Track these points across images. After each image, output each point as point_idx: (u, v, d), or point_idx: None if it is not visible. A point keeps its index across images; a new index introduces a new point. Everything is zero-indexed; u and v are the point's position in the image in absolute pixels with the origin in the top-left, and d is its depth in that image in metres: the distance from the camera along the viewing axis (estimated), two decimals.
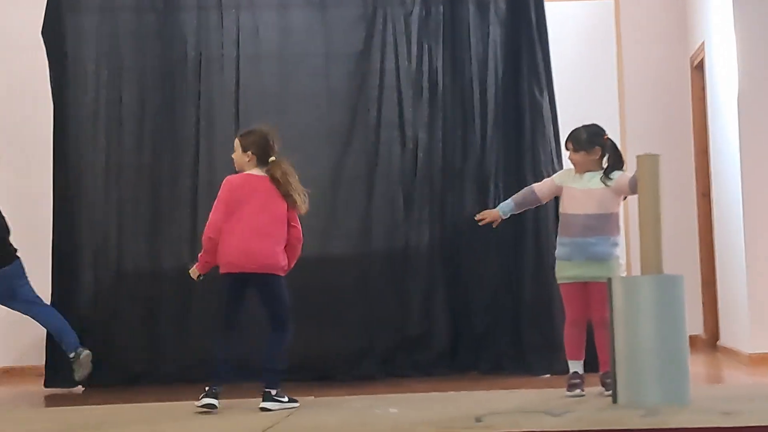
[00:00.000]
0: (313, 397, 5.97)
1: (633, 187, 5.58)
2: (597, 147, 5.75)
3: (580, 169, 5.77)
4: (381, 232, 7.34)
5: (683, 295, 5.26)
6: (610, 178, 5.69)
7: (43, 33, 7.47)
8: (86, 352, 6.89)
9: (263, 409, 5.51)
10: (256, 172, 5.64)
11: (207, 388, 5.52)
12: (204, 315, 7.14)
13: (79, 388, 7.21)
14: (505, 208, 5.90)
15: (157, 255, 7.36)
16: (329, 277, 7.22)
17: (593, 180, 5.73)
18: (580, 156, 5.76)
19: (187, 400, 5.90)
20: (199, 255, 5.64)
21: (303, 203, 5.66)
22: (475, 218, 5.91)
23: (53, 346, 7.21)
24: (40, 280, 7.29)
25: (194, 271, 5.71)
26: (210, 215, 5.56)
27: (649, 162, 5.32)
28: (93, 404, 6.35)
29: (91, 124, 7.45)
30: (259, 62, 7.46)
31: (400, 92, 7.42)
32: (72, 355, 6.87)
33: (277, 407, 5.54)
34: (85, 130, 7.44)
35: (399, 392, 6.20)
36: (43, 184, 7.65)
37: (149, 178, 7.42)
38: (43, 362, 7.33)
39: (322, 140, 7.41)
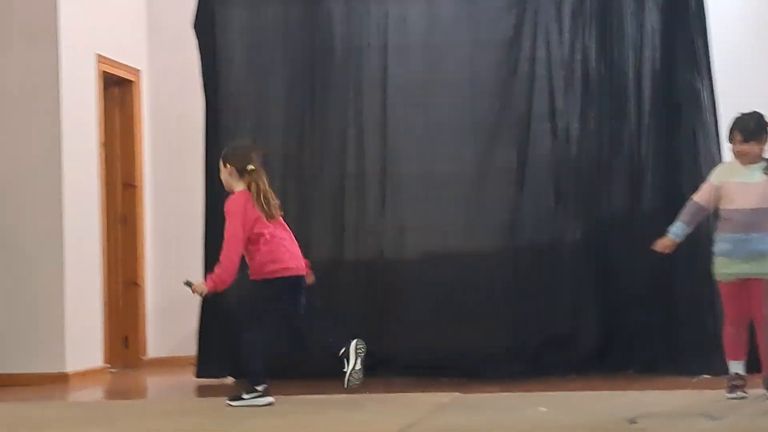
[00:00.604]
0: (458, 394, 5.88)
1: None
2: (764, 135, 5.49)
3: (746, 160, 5.50)
4: (529, 227, 7.17)
5: None
6: None
7: (195, 26, 7.56)
8: None
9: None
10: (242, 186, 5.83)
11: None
12: (350, 307, 7.12)
13: (230, 379, 7.28)
14: (677, 231, 5.64)
15: (304, 246, 7.33)
16: (475, 273, 7.11)
17: (755, 173, 5.48)
18: (749, 146, 5.49)
19: (332, 393, 5.91)
20: (217, 273, 5.73)
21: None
22: (653, 248, 5.68)
23: (206, 337, 7.29)
24: (195, 273, 7.39)
25: (201, 287, 5.78)
26: (230, 237, 5.70)
27: None
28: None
29: (239, 116, 7.50)
30: (406, 52, 7.38)
31: (551, 82, 7.24)
32: None
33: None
34: (234, 123, 7.49)
35: (549, 391, 6.06)
36: (196, 177, 7.77)
37: (297, 169, 7.42)
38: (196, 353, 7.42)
39: (469, 131, 7.29)
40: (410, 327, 7.13)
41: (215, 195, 7.42)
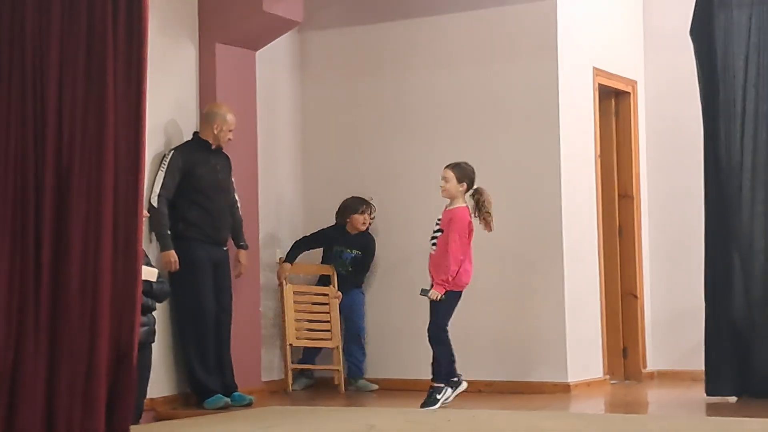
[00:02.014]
0: None
1: None
2: None
3: None
4: None
5: None
6: None
7: (691, 32, 7.41)
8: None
9: None
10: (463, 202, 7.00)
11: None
12: None
13: (734, 398, 7.05)
14: None
15: None
16: None
17: None
18: None
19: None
20: (443, 279, 6.87)
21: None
22: None
23: (709, 352, 7.11)
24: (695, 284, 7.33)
25: (435, 293, 6.90)
26: (457, 244, 6.88)
27: None
28: (749, 416, 6.18)
29: (740, 121, 7.24)
30: None
31: None
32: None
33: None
34: (734, 128, 7.24)
35: None
36: (694, 186, 7.60)
37: None
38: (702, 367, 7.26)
39: None
40: None
41: (714, 203, 7.25)
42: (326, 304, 8.20)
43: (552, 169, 7.90)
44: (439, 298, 6.86)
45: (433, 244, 6.98)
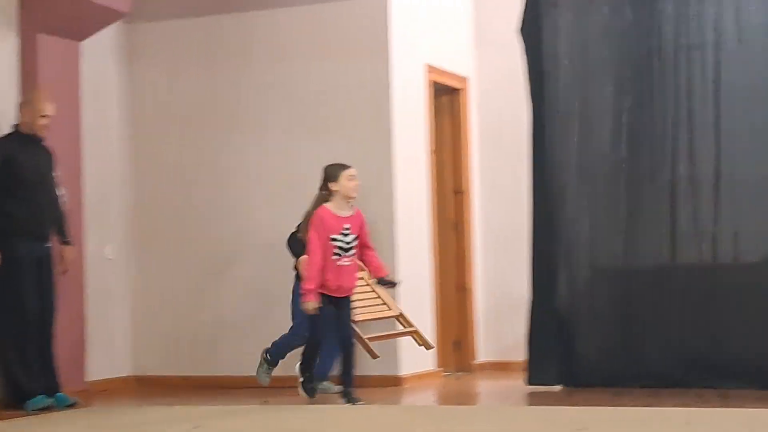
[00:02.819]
0: None
1: None
2: None
3: None
4: None
5: None
6: None
7: (521, 31, 7.55)
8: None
9: None
10: None
11: None
12: (688, 315, 6.88)
13: (558, 387, 7.22)
14: None
15: (634, 252, 7.18)
16: None
17: None
18: None
19: (668, 405, 5.71)
20: None
21: None
22: None
23: (532, 343, 7.27)
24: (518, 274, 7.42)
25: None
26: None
27: None
28: (573, 404, 6.32)
29: (566, 120, 7.42)
30: (742, 49, 7.02)
31: None
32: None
33: None
34: (560, 127, 7.42)
35: None
36: (523, 181, 7.76)
37: (625, 173, 7.25)
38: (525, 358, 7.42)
39: None
40: (754, 335, 6.80)
41: (540, 197, 7.42)
42: (365, 284, 7.46)
43: (385, 166, 7.95)
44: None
45: (353, 253, 6.72)
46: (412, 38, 8.25)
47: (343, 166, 6.78)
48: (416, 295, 8.10)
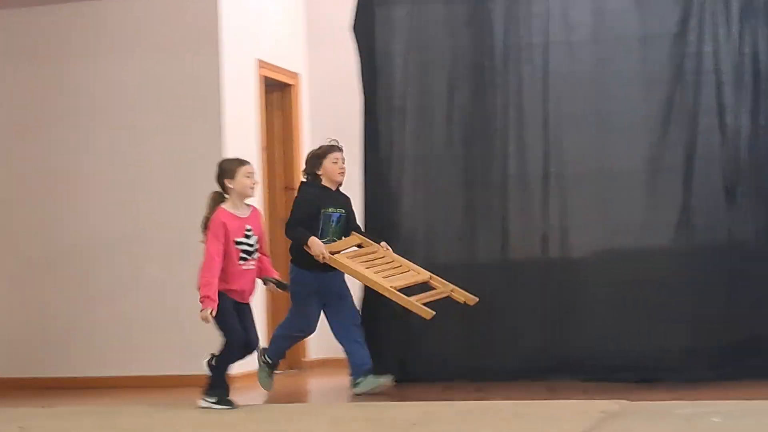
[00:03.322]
0: (627, 402, 5.70)
1: None
2: None
3: None
4: (701, 226, 6.92)
5: None
6: None
7: (354, 27, 7.57)
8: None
9: None
10: None
11: None
12: (521, 310, 7.03)
13: (391, 382, 7.26)
14: None
15: (469, 247, 7.29)
16: (648, 271, 6.89)
17: None
18: None
19: (498, 399, 5.81)
20: None
21: None
22: None
23: (373, 338, 7.29)
24: None
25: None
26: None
27: None
28: (404, 400, 6.36)
29: (399, 117, 7.48)
30: (570, 48, 7.23)
31: (719, 77, 6.97)
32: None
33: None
34: (394, 124, 7.47)
35: (725, 398, 5.81)
36: (352, 176, 7.76)
37: (459, 170, 7.35)
38: None
39: (637, 128, 7.08)
40: (583, 328, 6.99)
41: (374, 195, 7.46)
42: (382, 257, 6.94)
43: (215, 162, 7.81)
44: None
45: (257, 256, 6.47)
46: (242, 32, 8.17)
47: (241, 162, 6.42)
48: None
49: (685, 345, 6.75)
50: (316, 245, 6.70)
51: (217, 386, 6.36)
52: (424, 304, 6.53)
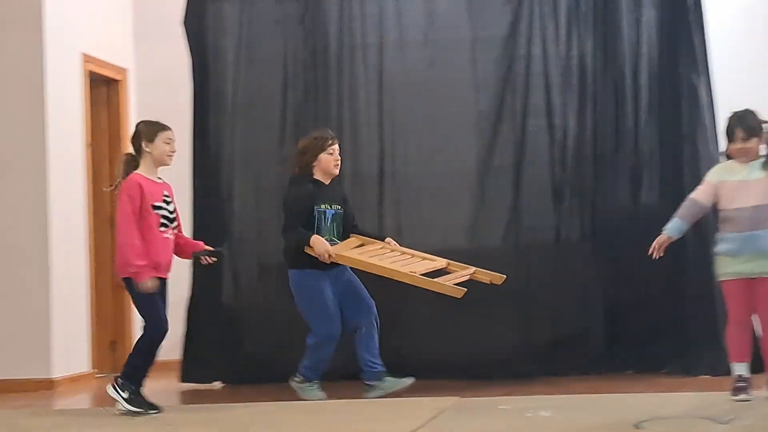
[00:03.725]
0: (459, 398, 5.75)
1: None
2: (761, 132, 5.43)
3: (746, 158, 5.43)
4: (530, 225, 7.07)
5: None
6: None
7: (184, 22, 7.43)
8: None
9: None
10: None
11: None
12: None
13: (218, 384, 7.15)
14: (673, 227, 5.57)
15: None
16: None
17: (754, 170, 5.41)
18: (751, 143, 5.42)
19: (335, 398, 5.79)
20: None
21: None
22: (650, 254, 5.59)
23: (191, 340, 7.16)
24: (179, 272, 7.29)
25: None
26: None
27: None
28: (237, 402, 6.26)
29: (230, 114, 7.37)
30: (402, 49, 7.27)
31: (548, 79, 7.13)
32: None
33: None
34: (224, 121, 7.36)
35: (554, 393, 5.95)
36: (182, 173, 7.61)
37: (292, 168, 7.29)
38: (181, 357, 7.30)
39: (469, 129, 7.19)
40: (413, 328, 7.03)
41: (203, 194, 7.32)
42: (390, 251, 6.41)
43: (38, 159, 7.57)
44: None
45: (176, 226, 5.91)
46: (67, 26, 7.89)
47: (163, 126, 5.90)
48: (71, 294, 7.76)
49: (513, 342, 6.87)
50: (320, 244, 6.09)
51: (133, 381, 5.78)
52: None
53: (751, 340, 5.53)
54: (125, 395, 5.72)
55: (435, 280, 6.07)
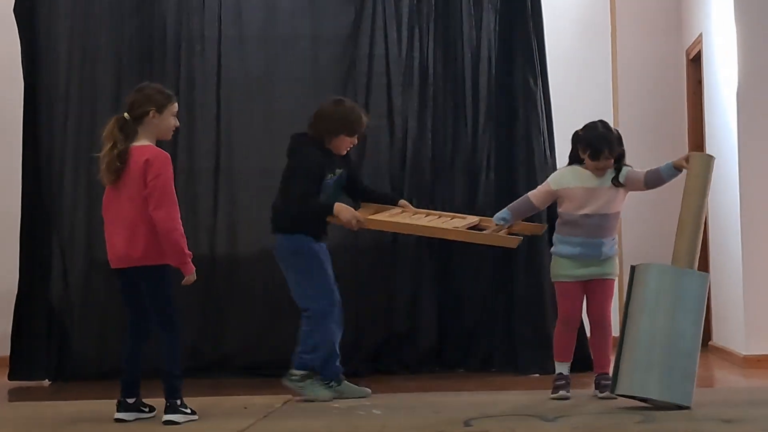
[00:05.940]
0: (290, 397, 5.72)
1: (650, 182, 5.48)
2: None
3: (602, 172, 5.52)
4: None
5: (705, 294, 5.16)
6: (622, 176, 5.52)
7: (14, 10, 7.18)
8: None
9: (169, 422, 4.98)
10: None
11: None
12: (183, 307, 6.88)
13: (46, 382, 6.96)
14: (503, 215, 5.66)
15: None
16: None
17: (605, 179, 5.54)
18: (611, 162, 5.54)
19: (160, 396, 5.66)
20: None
21: None
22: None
23: (19, 336, 6.96)
24: (7, 267, 7.09)
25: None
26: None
27: (703, 161, 5.33)
28: (64, 399, 6.12)
29: (63, 106, 7.15)
30: (242, 44, 7.19)
31: (389, 79, 7.15)
32: None
33: (182, 420, 5.02)
34: (56, 113, 7.14)
35: (385, 392, 5.97)
36: (12, 166, 7.35)
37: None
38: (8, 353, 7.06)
39: (305, 128, 7.11)
40: (245, 326, 6.96)
41: (33, 189, 7.09)
42: (413, 213, 5.89)
43: None
44: None
45: None
46: None
47: (171, 95, 5.20)
48: None
49: (343, 341, 6.86)
50: (345, 210, 5.53)
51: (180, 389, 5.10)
52: None
53: (575, 341, 5.68)
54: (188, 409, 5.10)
55: (484, 233, 5.64)
